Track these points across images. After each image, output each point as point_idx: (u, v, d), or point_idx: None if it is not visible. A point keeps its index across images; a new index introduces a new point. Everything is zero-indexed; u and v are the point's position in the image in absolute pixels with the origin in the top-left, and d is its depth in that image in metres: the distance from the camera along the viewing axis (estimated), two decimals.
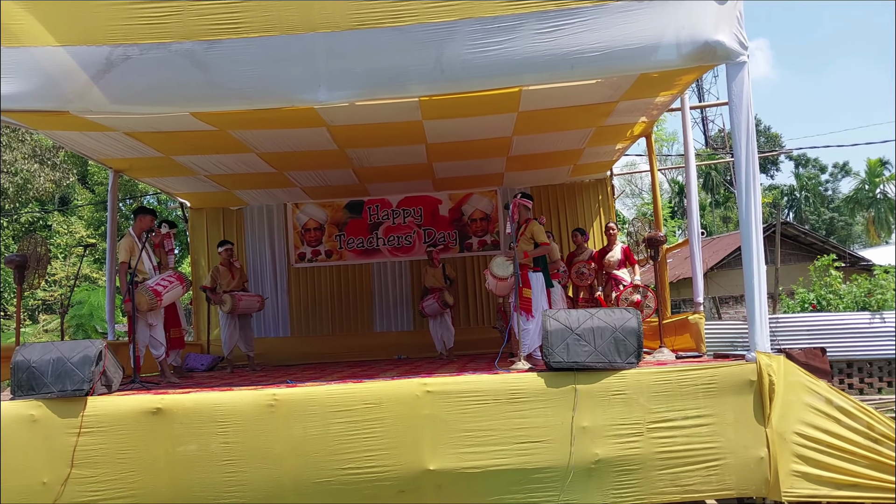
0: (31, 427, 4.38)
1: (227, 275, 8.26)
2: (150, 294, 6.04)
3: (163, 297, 6.18)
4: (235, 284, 8.28)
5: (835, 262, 12.17)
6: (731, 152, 5.33)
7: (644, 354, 5.14)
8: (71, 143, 7.16)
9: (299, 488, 4.28)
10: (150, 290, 6.07)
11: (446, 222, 10.45)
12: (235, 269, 8.37)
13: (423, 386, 4.39)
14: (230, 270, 8.30)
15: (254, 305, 8.35)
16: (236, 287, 8.27)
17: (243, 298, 8.10)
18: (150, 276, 6.39)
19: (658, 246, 6.71)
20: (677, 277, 19.58)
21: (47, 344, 4.77)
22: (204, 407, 4.41)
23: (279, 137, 7.06)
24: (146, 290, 6.06)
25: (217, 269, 8.36)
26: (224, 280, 8.22)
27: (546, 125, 7.12)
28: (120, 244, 6.43)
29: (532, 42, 4.54)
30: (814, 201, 40.43)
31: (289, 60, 4.69)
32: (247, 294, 8.28)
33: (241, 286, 8.42)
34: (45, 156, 18.49)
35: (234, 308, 8.05)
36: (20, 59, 4.68)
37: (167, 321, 6.75)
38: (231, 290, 8.17)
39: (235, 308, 8.06)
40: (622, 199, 30.92)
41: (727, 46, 4.55)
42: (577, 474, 4.24)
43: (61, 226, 22.52)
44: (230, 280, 8.25)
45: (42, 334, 17.72)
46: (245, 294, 8.22)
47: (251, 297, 8.33)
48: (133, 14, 4.63)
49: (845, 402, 4.37)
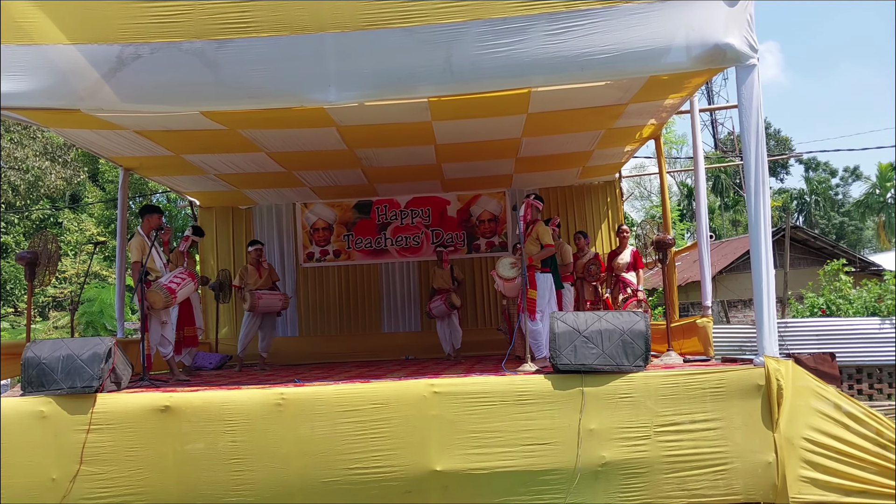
0: (41, 423, 4.40)
1: (254, 274, 8.33)
2: (164, 292, 6.07)
3: (177, 294, 6.23)
4: (263, 283, 8.32)
5: (845, 267, 12.08)
6: (741, 155, 5.30)
7: (652, 358, 5.13)
8: (82, 141, 7.20)
9: (306, 487, 4.29)
10: (165, 288, 6.10)
11: (454, 223, 10.45)
12: (263, 268, 8.42)
13: (430, 387, 4.39)
14: (258, 270, 8.36)
15: (275, 304, 8.33)
16: (263, 286, 8.32)
17: (263, 297, 8.10)
18: (162, 274, 6.43)
19: (666, 249, 6.69)
20: (686, 281, 19.52)
21: (57, 341, 4.79)
22: (212, 405, 4.42)
23: (289, 137, 7.08)
24: (160, 287, 6.09)
25: (245, 269, 8.44)
26: (251, 279, 8.29)
27: (555, 127, 7.11)
28: (130, 244, 6.46)
29: (542, 43, 4.53)
30: (824, 205, 40.22)
31: (298, 60, 4.70)
32: (269, 293, 8.27)
33: (270, 285, 8.45)
34: (57, 153, 18.61)
35: (254, 306, 8.09)
36: (32, 57, 4.72)
37: (182, 319, 6.78)
38: (257, 288, 8.23)
39: (255, 306, 8.09)
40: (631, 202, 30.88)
41: (737, 49, 4.53)
42: (584, 477, 4.23)
43: (72, 223, 22.66)
44: (257, 279, 8.31)
45: (52, 331, 17.83)
46: (267, 293, 8.22)
47: (273, 295, 8.30)
48: (144, 13, 4.66)
49: (854, 407, 4.34)
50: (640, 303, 7.53)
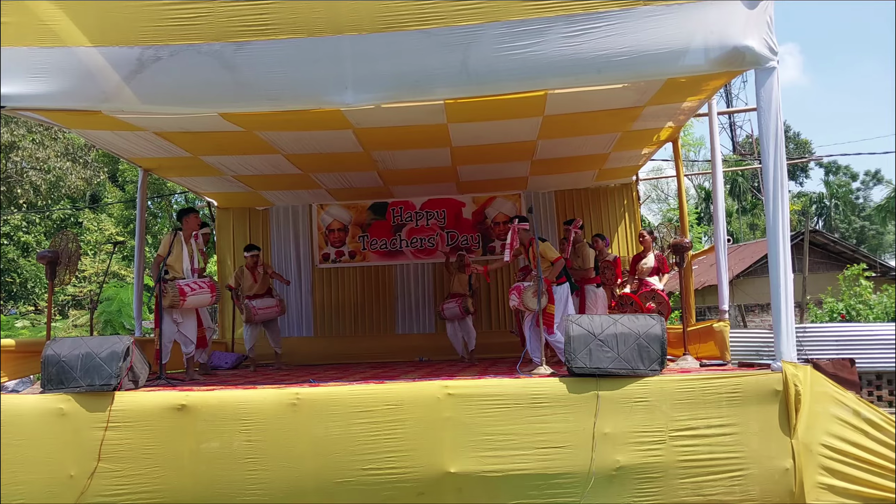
0: (61, 420, 4.46)
1: (249, 278, 8.34)
2: (174, 291, 6.12)
3: (187, 297, 6.25)
4: (258, 289, 8.33)
5: (865, 272, 11.95)
6: (759, 158, 5.26)
7: (668, 362, 5.10)
8: (102, 142, 7.29)
9: (320, 487, 4.31)
10: (177, 288, 6.15)
11: (469, 225, 10.45)
12: (258, 273, 8.42)
13: (444, 388, 4.40)
14: (253, 274, 8.37)
15: (272, 313, 8.40)
16: (258, 291, 8.33)
17: (259, 312, 8.15)
18: (185, 277, 6.50)
19: (683, 252, 6.64)
20: (702, 284, 19.37)
21: (77, 339, 4.85)
22: (227, 405, 4.46)
23: (306, 139, 7.12)
24: (173, 286, 6.15)
25: (241, 271, 8.46)
26: (246, 283, 8.31)
27: (572, 129, 7.09)
28: (163, 239, 6.64)
29: (559, 46, 4.52)
30: (844, 209, 39.71)
31: (316, 62, 4.73)
32: (264, 304, 8.28)
33: (265, 291, 8.46)
34: (78, 154, 18.82)
35: (251, 320, 8.21)
36: (54, 59, 4.77)
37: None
38: (253, 294, 8.26)
39: (251, 320, 8.21)
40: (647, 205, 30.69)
41: (756, 51, 4.50)
42: (598, 480, 4.22)
43: (92, 223, 22.93)
44: (252, 284, 8.32)
45: (72, 329, 18.02)
46: (262, 304, 8.24)
47: (268, 306, 8.33)
48: (164, 15, 4.70)
49: (874, 414, 4.29)
50: (654, 292, 7.42)
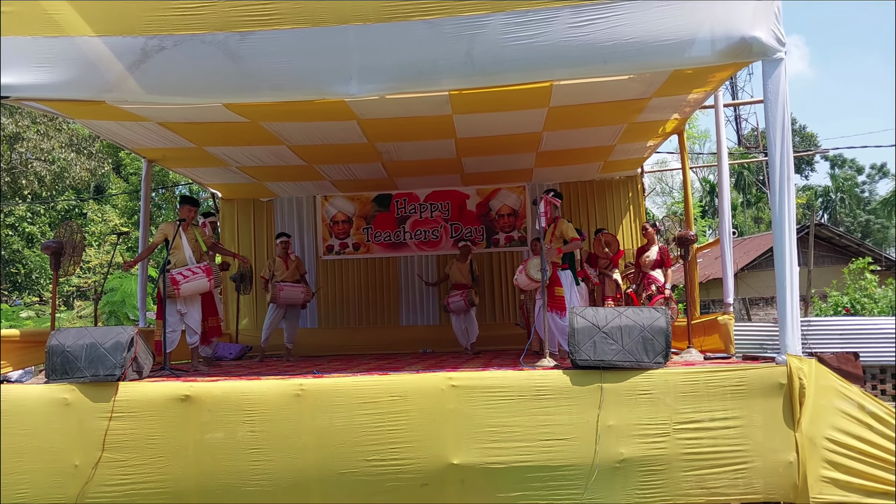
0: (65, 410, 4.47)
1: (281, 266, 8.50)
2: (168, 281, 6.11)
3: (180, 286, 6.21)
4: (289, 275, 8.47)
5: (870, 266, 11.90)
6: (765, 151, 5.23)
7: (672, 355, 5.09)
8: (106, 133, 7.29)
9: (324, 478, 4.31)
10: (169, 278, 6.13)
11: (473, 217, 10.44)
12: (291, 260, 8.56)
13: (448, 380, 4.39)
14: (285, 262, 8.51)
15: (297, 297, 8.42)
16: (289, 278, 8.45)
17: (284, 289, 8.25)
18: (188, 264, 6.48)
19: (688, 245, 6.63)
20: (707, 277, 19.34)
21: (81, 329, 4.86)
22: (232, 395, 4.46)
23: (310, 130, 7.11)
24: (167, 277, 6.12)
25: (273, 261, 8.64)
26: (279, 271, 8.47)
27: (577, 121, 7.06)
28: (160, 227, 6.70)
29: (565, 36, 4.49)
30: (849, 203, 39.56)
31: (320, 53, 4.70)
32: (291, 285, 8.37)
33: (296, 277, 8.56)
34: (82, 145, 18.83)
35: (275, 297, 8.27)
36: (57, 49, 4.76)
37: (205, 310, 6.78)
38: (283, 280, 8.36)
39: (276, 298, 8.27)
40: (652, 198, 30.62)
41: (763, 43, 4.46)
42: (602, 473, 4.21)
43: (96, 214, 22.97)
44: (284, 271, 8.47)
45: (76, 320, 18.08)
46: (289, 285, 8.34)
47: (295, 288, 8.39)
48: (168, 5, 4.68)
49: (878, 408, 4.28)
50: (668, 300, 7.45)
